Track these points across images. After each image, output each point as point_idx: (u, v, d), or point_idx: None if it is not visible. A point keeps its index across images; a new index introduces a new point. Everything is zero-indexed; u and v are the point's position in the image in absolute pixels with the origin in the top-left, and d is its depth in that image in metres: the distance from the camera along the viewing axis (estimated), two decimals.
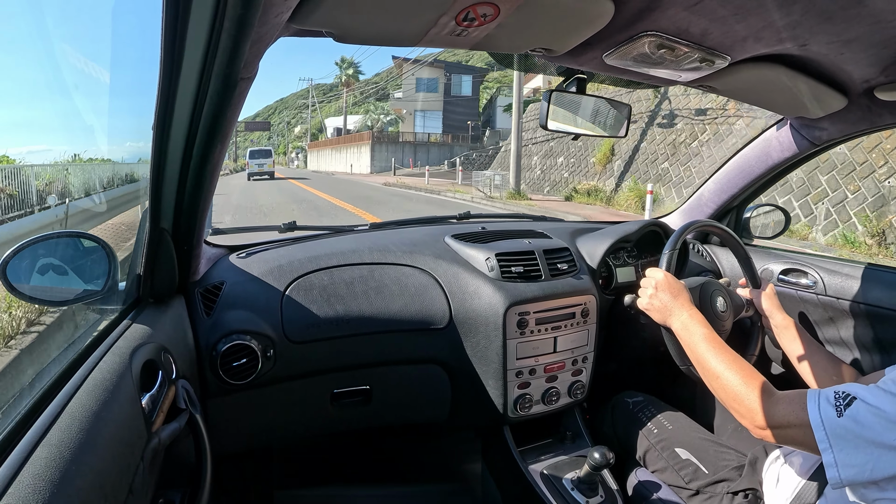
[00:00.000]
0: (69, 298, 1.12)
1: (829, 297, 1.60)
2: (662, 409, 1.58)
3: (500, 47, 1.11)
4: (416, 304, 1.52)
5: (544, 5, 0.90)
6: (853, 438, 0.86)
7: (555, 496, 1.48)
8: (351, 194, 18.90)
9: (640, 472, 1.50)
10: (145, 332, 1.03)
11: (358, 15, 0.89)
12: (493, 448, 1.69)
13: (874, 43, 1.02)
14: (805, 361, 1.33)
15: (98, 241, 1.11)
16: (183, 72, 0.77)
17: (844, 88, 1.29)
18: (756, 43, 1.04)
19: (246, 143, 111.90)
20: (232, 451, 1.49)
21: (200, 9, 0.66)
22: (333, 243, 1.63)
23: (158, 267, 1.14)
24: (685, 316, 1.23)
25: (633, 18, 0.96)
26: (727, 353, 1.12)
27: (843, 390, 0.91)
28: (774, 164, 1.74)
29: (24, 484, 0.59)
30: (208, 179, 1.02)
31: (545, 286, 1.58)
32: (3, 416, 0.82)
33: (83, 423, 0.71)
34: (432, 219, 2.03)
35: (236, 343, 1.31)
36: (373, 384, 1.55)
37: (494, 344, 1.51)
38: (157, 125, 0.88)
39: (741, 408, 1.03)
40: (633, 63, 1.14)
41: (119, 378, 0.84)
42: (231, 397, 1.37)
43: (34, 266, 1.05)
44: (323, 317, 1.43)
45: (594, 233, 1.89)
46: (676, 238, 1.39)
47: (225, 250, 1.58)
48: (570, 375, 1.64)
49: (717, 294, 1.41)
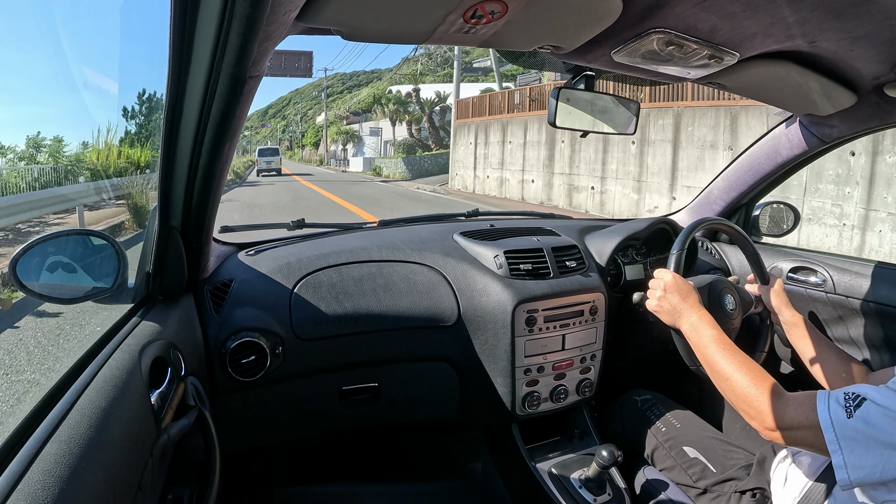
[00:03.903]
0: (78, 296, 1.12)
1: (838, 296, 1.59)
2: (670, 407, 1.57)
3: (508, 45, 1.10)
4: (425, 302, 1.52)
5: (552, 2, 0.90)
6: (863, 440, 0.86)
7: (563, 494, 1.48)
8: None
9: (648, 470, 1.50)
10: (154, 330, 1.04)
11: (366, 13, 0.89)
12: (501, 446, 1.69)
13: (884, 40, 1.01)
14: (815, 359, 1.32)
15: (107, 238, 1.12)
16: (191, 70, 0.77)
17: (854, 85, 1.28)
18: (765, 39, 1.03)
19: (258, 137, 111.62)
20: (241, 448, 1.50)
21: (209, 7, 0.67)
22: (342, 241, 1.64)
23: (167, 264, 1.14)
24: (694, 318, 1.23)
25: (641, 15, 0.95)
26: (737, 355, 1.12)
27: (853, 391, 0.90)
28: (784, 162, 1.73)
29: (34, 480, 0.59)
30: (217, 177, 1.03)
31: (554, 284, 1.57)
32: (14, 413, 0.83)
33: (93, 420, 0.71)
34: (441, 216, 2.03)
35: (245, 340, 1.32)
36: (381, 382, 1.55)
37: (503, 341, 1.51)
38: (165, 123, 0.88)
39: (751, 410, 1.03)
40: (641, 60, 1.13)
41: (128, 375, 0.85)
42: (240, 394, 1.38)
43: (44, 264, 1.05)
44: (331, 314, 1.43)
45: (603, 230, 1.88)
46: (685, 237, 1.38)
47: (234, 248, 1.59)
48: (579, 373, 1.64)
49: (725, 292, 1.41)
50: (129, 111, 16.28)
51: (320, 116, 68.73)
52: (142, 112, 16.15)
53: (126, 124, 16.97)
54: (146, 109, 15.81)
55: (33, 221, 10.00)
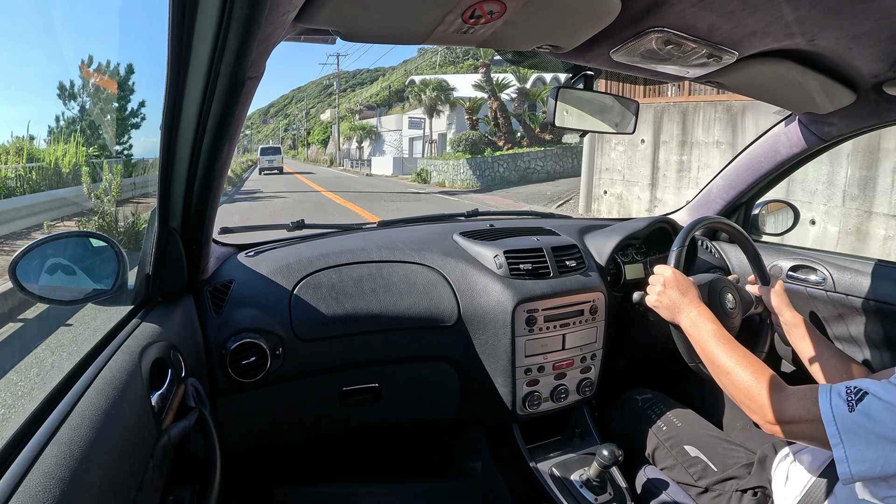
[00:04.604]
0: (78, 298, 1.12)
1: (838, 294, 1.59)
2: (671, 406, 1.57)
3: (506, 44, 1.10)
4: (425, 302, 1.52)
5: (551, 2, 0.90)
6: (864, 433, 0.86)
7: (564, 494, 1.48)
8: None
9: (649, 469, 1.50)
10: (154, 331, 1.04)
11: (364, 14, 0.89)
12: (502, 445, 1.69)
13: (882, 38, 1.01)
14: (815, 359, 1.32)
15: (107, 240, 1.12)
16: (190, 72, 0.77)
17: (853, 83, 1.28)
18: (764, 38, 1.03)
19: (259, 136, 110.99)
20: (241, 448, 1.50)
21: (207, 8, 0.67)
22: (342, 241, 1.64)
23: (167, 266, 1.15)
24: (694, 313, 1.23)
25: (640, 14, 0.95)
26: (737, 349, 1.12)
27: (855, 385, 0.90)
28: (783, 160, 1.73)
29: (35, 482, 0.59)
30: (216, 178, 1.03)
31: (553, 283, 1.58)
32: (14, 415, 0.83)
33: (93, 422, 0.71)
34: (440, 216, 2.03)
35: (245, 341, 1.32)
36: (381, 382, 1.55)
37: (503, 341, 1.51)
38: (164, 125, 0.88)
39: (752, 403, 1.03)
40: (640, 59, 1.13)
41: (129, 377, 0.85)
42: (240, 395, 1.38)
43: (43, 266, 1.06)
44: (331, 315, 1.43)
45: (602, 230, 1.88)
46: (685, 235, 1.38)
47: (233, 249, 1.59)
48: (579, 373, 1.64)
49: (725, 291, 1.41)
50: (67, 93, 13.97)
51: (325, 114, 64.34)
52: (77, 96, 13.62)
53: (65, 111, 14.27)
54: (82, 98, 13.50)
55: None
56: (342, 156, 45.65)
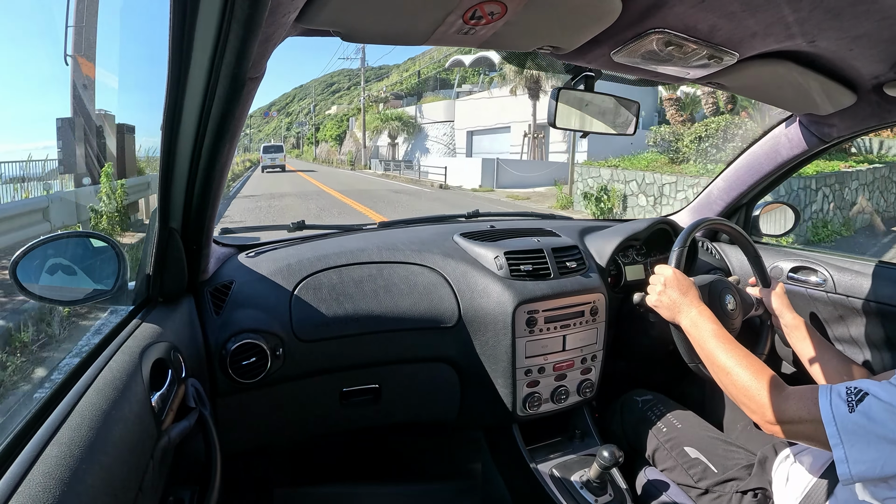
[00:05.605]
0: (79, 298, 1.12)
1: (838, 295, 1.59)
2: (671, 407, 1.57)
3: (507, 45, 1.10)
4: (425, 303, 1.52)
5: (552, 3, 0.90)
6: (865, 434, 0.86)
7: (564, 495, 1.48)
8: None
9: (650, 470, 1.50)
10: (155, 332, 1.04)
11: (365, 14, 0.89)
12: (502, 447, 1.69)
13: (882, 39, 1.01)
14: (815, 361, 1.32)
15: (108, 240, 1.12)
16: (191, 72, 0.77)
17: (853, 84, 1.28)
18: (764, 39, 1.03)
19: (260, 135, 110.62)
20: (241, 449, 1.50)
21: (208, 9, 0.66)
22: (342, 242, 1.64)
23: (168, 266, 1.15)
24: (694, 312, 1.23)
25: (640, 16, 0.95)
26: (737, 349, 1.12)
27: (856, 386, 0.90)
28: (784, 162, 1.73)
29: (35, 482, 0.59)
30: (217, 179, 1.03)
31: (554, 284, 1.57)
32: (14, 415, 0.83)
33: (93, 422, 0.71)
34: (441, 217, 2.03)
35: (246, 342, 1.32)
36: (382, 383, 1.55)
37: (503, 342, 1.51)
38: (165, 125, 0.88)
39: (752, 403, 1.03)
40: (641, 61, 1.13)
41: (129, 377, 0.85)
42: (240, 396, 1.38)
43: (44, 266, 1.06)
44: (332, 316, 1.43)
45: (603, 231, 1.88)
46: (686, 235, 1.39)
47: (234, 249, 1.59)
48: (579, 374, 1.64)
49: (726, 292, 1.41)
50: None
51: (332, 109, 58.86)
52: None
53: None
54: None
55: None
56: (368, 154, 36.04)
